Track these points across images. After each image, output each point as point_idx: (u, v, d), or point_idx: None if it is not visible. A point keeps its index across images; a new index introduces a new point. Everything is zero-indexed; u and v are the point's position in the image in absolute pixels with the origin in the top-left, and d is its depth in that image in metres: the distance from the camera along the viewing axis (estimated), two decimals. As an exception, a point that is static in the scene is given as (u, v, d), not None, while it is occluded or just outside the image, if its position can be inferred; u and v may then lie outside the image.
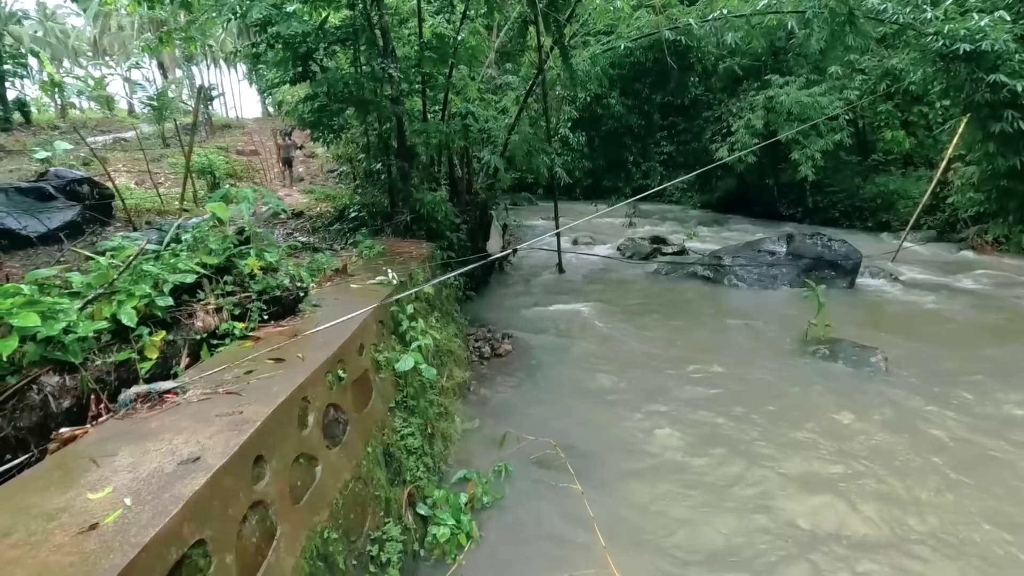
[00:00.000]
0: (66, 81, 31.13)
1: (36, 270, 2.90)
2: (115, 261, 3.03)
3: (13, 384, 2.41)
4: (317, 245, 8.66)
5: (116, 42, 41.85)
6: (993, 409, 5.65)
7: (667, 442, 4.98)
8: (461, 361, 6.60)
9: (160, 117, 24.16)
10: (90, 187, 9.20)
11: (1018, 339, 7.93)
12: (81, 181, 9.13)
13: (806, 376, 6.46)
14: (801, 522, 3.92)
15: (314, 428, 2.71)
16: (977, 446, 4.94)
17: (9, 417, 2.35)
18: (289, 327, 3.61)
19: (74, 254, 6.34)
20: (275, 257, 3.66)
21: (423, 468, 3.99)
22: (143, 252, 3.06)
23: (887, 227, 18.70)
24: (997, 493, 4.27)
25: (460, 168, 11.46)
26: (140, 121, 28.97)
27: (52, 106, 32.45)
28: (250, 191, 3.88)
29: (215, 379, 2.67)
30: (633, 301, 10.15)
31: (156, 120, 24.52)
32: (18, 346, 2.40)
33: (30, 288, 2.63)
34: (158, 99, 23.91)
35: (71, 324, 2.64)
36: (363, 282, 5.19)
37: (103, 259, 2.97)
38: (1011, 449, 4.89)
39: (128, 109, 34.49)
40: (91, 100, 31.99)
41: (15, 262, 7.04)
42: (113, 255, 3.12)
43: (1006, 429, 5.22)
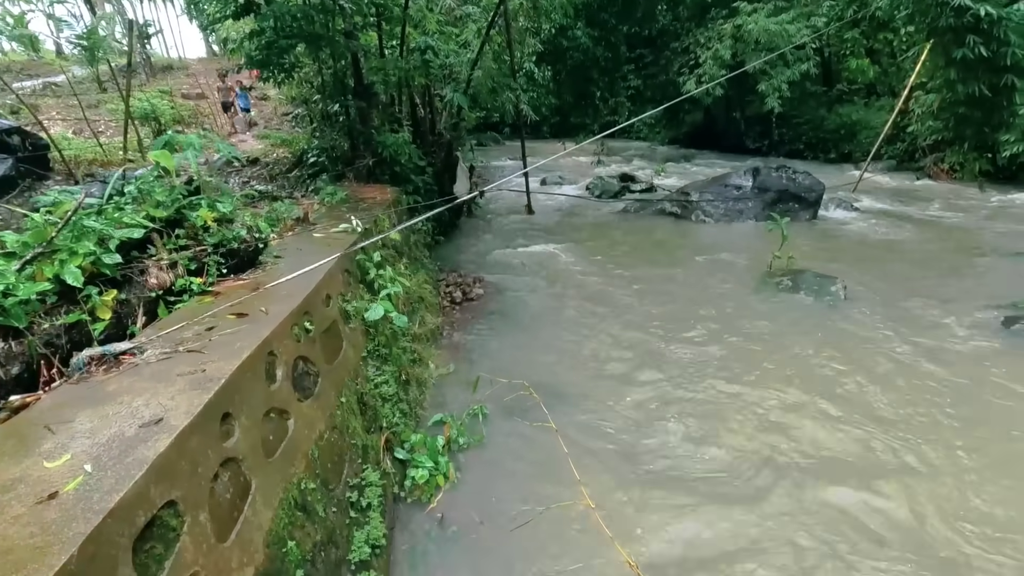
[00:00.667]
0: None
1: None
2: (52, 218, 2.82)
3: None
4: (276, 193, 8.30)
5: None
6: (941, 333, 5.94)
7: (637, 376, 5.12)
8: (433, 307, 6.56)
9: (92, 58, 22.29)
10: (21, 138, 8.52)
11: (965, 264, 8.29)
12: (10, 131, 8.44)
13: (770, 307, 6.66)
14: (765, 442, 4.13)
15: (283, 382, 2.66)
16: (926, 369, 5.22)
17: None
18: (250, 280, 3.49)
19: (9, 212, 5.94)
20: (229, 207, 3.47)
21: (399, 414, 4.02)
22: (82, 207, 2.85)
23: (849, 158, 18.97)
24: (943, 411, 4.56)
25: (422, 107, 11.01)
26: (71, 63, 26.66)
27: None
28: (195, 137, 3.62)
29: (174, 337, 2.57)
30: (602, 240, 10.17)
31: (88, 62, 22.64)
32: (-48, 313, 2.25)
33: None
34: (88, 38, 21.98)
35: (10, 287, 2.47)
36: (326, 231, 5.02)
37: (38, 216, 2.76)
38: (954, 372, 5.18)
39: (56, 50, 31.65)
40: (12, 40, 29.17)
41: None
42: (50, 211, 2.90)
43: (951, 353, 5.51)
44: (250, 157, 10.92)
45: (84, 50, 22.69)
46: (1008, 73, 9.97)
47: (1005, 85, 10.08)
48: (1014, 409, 4.57)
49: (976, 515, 3.42)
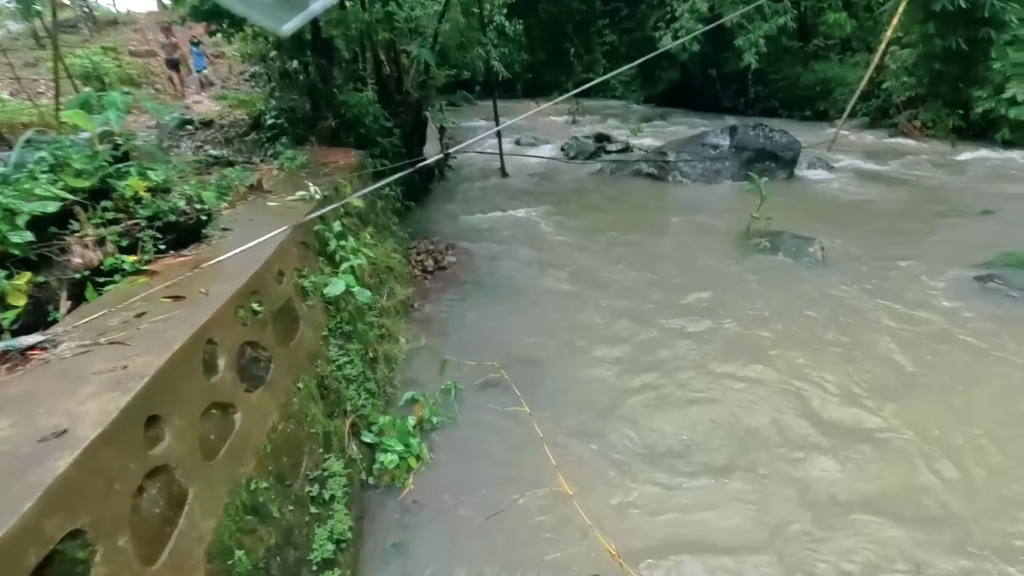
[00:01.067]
0: (-102, -32, 25.84)
1: None
2: (-56, 190, 2.44)
3: None
4: (232, 158, 7.77)
5: (-45, -84, 34.52)
6: (915, 293, 5.90)
7: (612, 351, 4.94)
8: (403, 277, 6.27)
9: (28, 11, 20.61)
10: (-57, 99, 7.76)
11: (937, 223, 8.28)
12: (-71, 92, 7.66)
13: (749, 270, 6.53)
14: (743, 414, 4.03)
15: (226, 372, 2.39)
16: (902, 330, 5.17)
17: None
18: (192, 257, 3.15)
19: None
20: (162, 176, 3.10)
21: (365, 395, 3.78)
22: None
23: (825, 116, 18.85)
24: (921, 372, 4.52)
25: (388, 64, 10.39)
26: (3, 17, 24.63)
27: None
28: (118, 95, 3.18)
29: (96, 327, 2.26)
30: (578, 204, 9.89)
31: (23, 15, 20.93)
32: None
33: None
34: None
35: None
36: (282, 199, 4.65)
37: (-74, 188, 2.37)
38: (930, 331, 5.14)
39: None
40: (-63, -8, 26.80)
41: None
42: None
43: (926, 313, 5.47)
44: (204, 119, 10.22)
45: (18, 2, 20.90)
46: (986, 26, 9.81)
47: (982, 39, 9.93)
48: (985, 365, 4.57)
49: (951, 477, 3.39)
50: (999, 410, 4.03)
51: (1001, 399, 4.17)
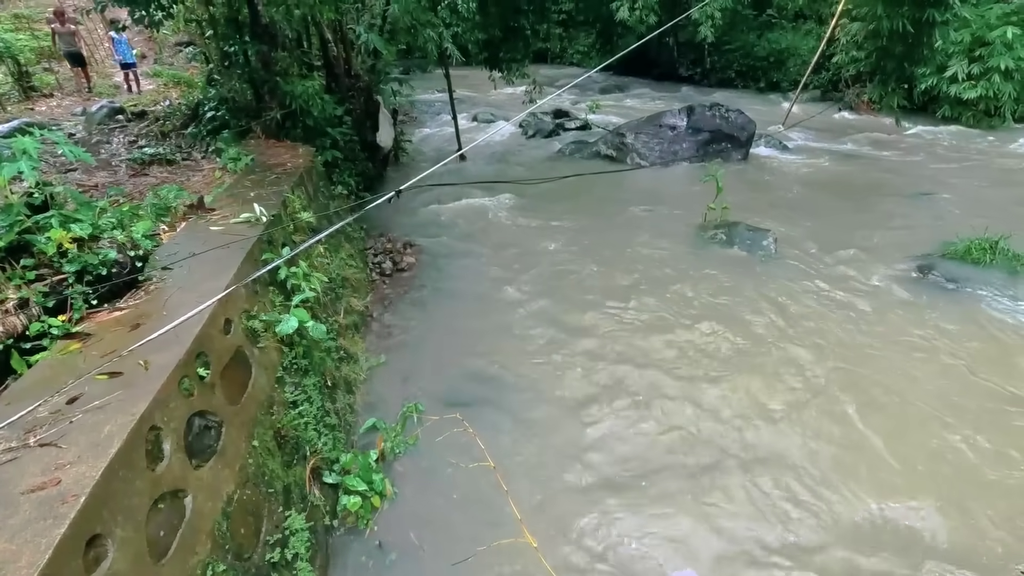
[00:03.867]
0: None
1: None
2: None
3: None
4: (170, 156, 7.32)
5: None
6: (863, 286, 6.16)
7: (573, 364, 4.96)
8: (360, 285, 6.11)
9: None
10: None
11: (883, 207, 8.60)
12: None
13: (705, 264, 6.65)
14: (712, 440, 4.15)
15: (173, 455, 2.28)
16: (851, 326, 5.40)
17: None
18: (128, 311, 2.96)
19: None
20: (89, 227, 2.86)
21: (325, 431, 3.71)
22: None
23: (777, 87, 19.12)
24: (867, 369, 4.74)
25: (335, 45, 9.85)
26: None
27: None
28: (31, 140, 2.88)
29: (24, 423, 2.10)
30: (538, 190, 9.77)
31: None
32: None
33: None
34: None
35: None
36: (226, 220, 4.40)
37: None
38: (877, 325, 5.39)
39: None
40: None
41: None
42: None
43: (872, 306, 5.73)
44: (137, 108, 9.53)
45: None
46: (930, 8, 10.01)
47: (927, 20, 10.15)
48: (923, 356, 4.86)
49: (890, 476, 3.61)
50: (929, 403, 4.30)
51: (933, 392, 4.44)
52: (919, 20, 10.21)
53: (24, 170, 2.72)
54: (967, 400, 4.36)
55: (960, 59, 13.11)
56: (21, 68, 11.01)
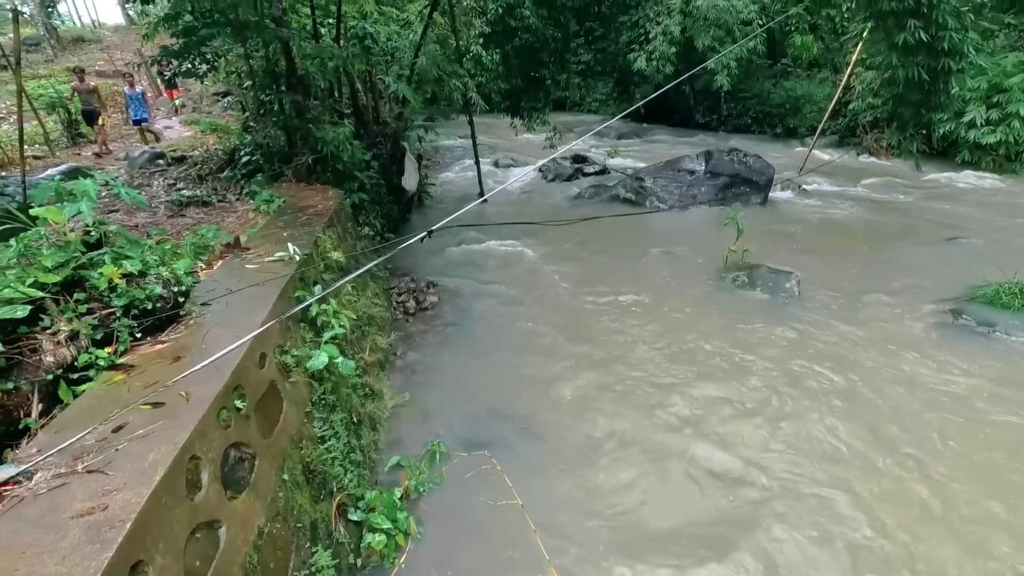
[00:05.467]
0: None
1: None
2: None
3: None
4: (206, 198, 7.64)
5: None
6: (891, 331, 6.06)
7: (599, 407, 4.93)
8: (384, 324, 6.21)
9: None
10: (-103, 141, 7.44)
11: (908, 252, 8.54)
12: None
13: (728, 306, 6.63)
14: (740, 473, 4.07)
15: (210, 486, 2.33)
16: (881, 368, 5.30)
17: None
18: (170, 344, 3.07)
19: None
20: (139, 264, 3.01)
21: (351, 467, 3.72)
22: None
23: (794, 133, 19.36)
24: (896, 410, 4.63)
25: (364, 94, 10.32)
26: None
27: None
28: (91, 183, 3.09)
29: (73, 449, 2.17)
30: (558, 233, 9.92)
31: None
32: None
33: None
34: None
35: None
36: (261, 259, 4.56)
37: None
38: (908, 368, 5.29)
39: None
40: None
41: None
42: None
43: (902, 351, 5.63)
44: (177, 154, 10.02)
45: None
46: (945, 57, 10.19)
47: (942, 69, 10.32)
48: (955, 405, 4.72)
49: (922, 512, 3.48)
50: (968, 452, 4.16)
51: (969, 440, 4.30)
52: (935, 69, 10.38)
53: (84, 210, 2.90)
54: (1010, 457, 4.22)
55: (978, 105, 13.22)
56: (71, 117, 11.69)
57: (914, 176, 13.45)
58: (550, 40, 11.60)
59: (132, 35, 27.39)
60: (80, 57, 22.36)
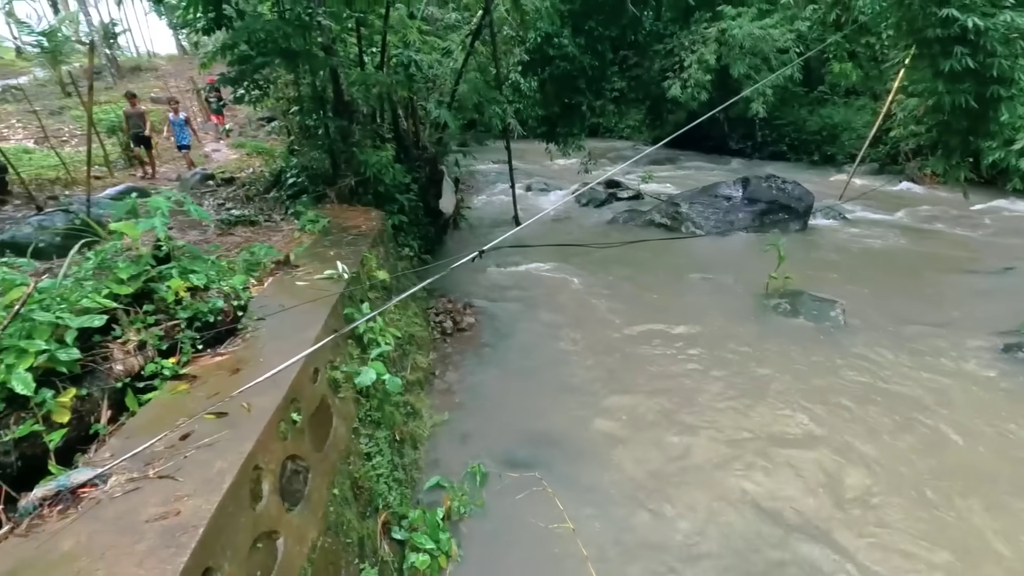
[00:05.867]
0: (-67, 17, 26.94)
1: None
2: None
3: None
4: (253, 217, 7.90)
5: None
6: (943, 363, 5.83)
7: (640, 435, 4.86)
8: (424, 343, 6.26)
9: (55, 60, 21.38)
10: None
11: (958, 281, 8.26)
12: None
13: (771, 335, 6.49)
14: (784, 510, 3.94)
15: (270, 497, 2.36)
16: (932, 406, 5.09)
17: None
18: (229, 356, 3.16)
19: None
20: (203, 279, 3.13)
21: (395, 485, 3.73)
22: (32, 294, 2.50)
23: (832, 160, 19.08)
24: (951, 453, 4.42)
25: (405, 120, 10.62)
26: (32, 64, 25.55)
27: (-79, 48, 28.19)
28: (163, 200, 3.26)
29: (143, 456, 2.24)
30: (592, 256, 9.92)
31: (50, 64, 21.71)
32: None
33: None
34: (49, 39, 21.03)
35: (-54, 404, 2.13)
36: (310, 276, 4.68)
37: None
38: (961, 407, 5.06)
39: (16, 50, 30.36)
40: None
41: None
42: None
43: (956, 385, 5.40)
44: (224, 174, 10.44)
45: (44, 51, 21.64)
46: (994, 84, 9.96)
47: (991, 96, 10.08)
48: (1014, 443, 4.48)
49: None
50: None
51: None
52: (983, 96, 10.15)
53: (157, 226, 3.05)
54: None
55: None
56: (127, 140, 12.31)
57: (961, 204, 13.05)
58: (587, 68, 11.78)
59: (184, 63, 28.90)
60: (137, 84, 23.64)
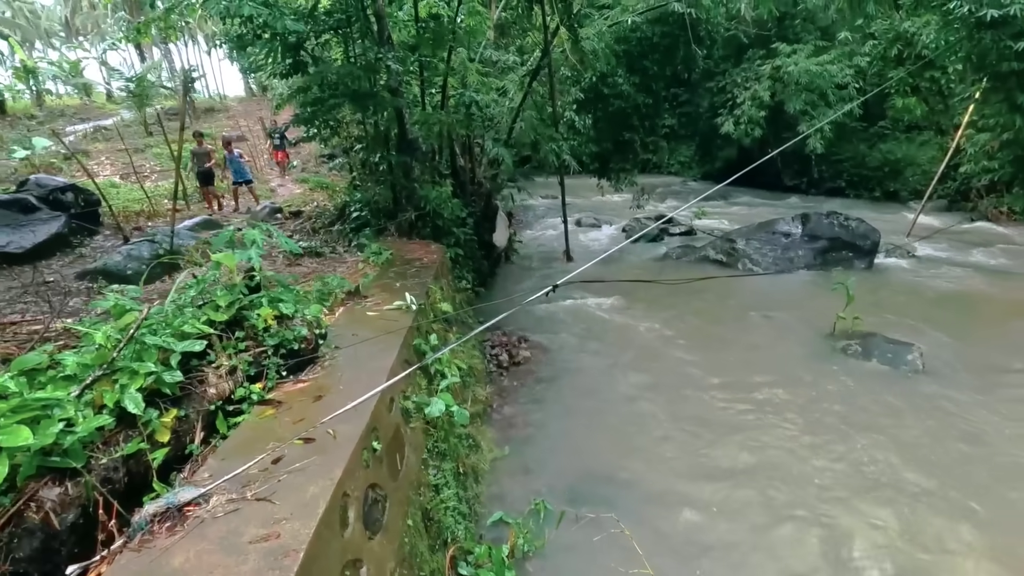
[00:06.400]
0: (40, 66, 29.87)
1: (24, 356, 2.52)
2: (112, 333, 2.65)
3: (8, 507, 2.06)
4: (319, 249, 8.24)
5: (89, 22, 40.16)
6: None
7: (706, 478, 4.67)
8: (481, 376, 6.30)
9: (140, 103, 23.25)
10: (74, 194, 8.70)
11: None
12: (64, 189, 8.62)
13: (841, 379, 6.18)
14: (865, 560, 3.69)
15: (355, 524, 2.40)
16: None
17: (6, 549, 2.01)
18: (310, 383, 3.27)
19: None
20: (291, 308, 3.28)
21: (461, 519, 3.71)
22: (145, 319, 2.68)
23: (895, 197, 18.37)
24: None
25: (463, 157, 10.96)
26: (120, 106, 27.93)
27: (27, 93, 31.22)
28: (258, 233, 3.47)
29: (240, 478, 2.33)
30: (647, 292, 9.81)
31: (136, 106, 23.62)
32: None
33: (17, 383, 2.27)
34: (137, 84, 22.96)
35: (71, 420, 2.28)
36: (379, 307, 4.83)
37: (99, 334, 2.59)
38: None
39: (107, 94, 33.29)
40: (68, 86, 30.81)
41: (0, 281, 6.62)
42: (106, 329, 2.72)
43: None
44: (291, 208, 10.99)
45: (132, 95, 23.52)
46: (1077, 117, 9.50)
47: (1073, 130, 9.60)
48: None
49: None
50: None
51: None
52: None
53: (252, 257, 3.24)
54: None
55: (1117, 169, 12.07)
56: (196, 176, 13.16)
57: (1044, 244, 12.28)
58: (640, 105, 11.92)
59: (253, 104, 30.94)
60: (211, 124, 25.41)
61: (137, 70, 27.77)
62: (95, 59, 32.89)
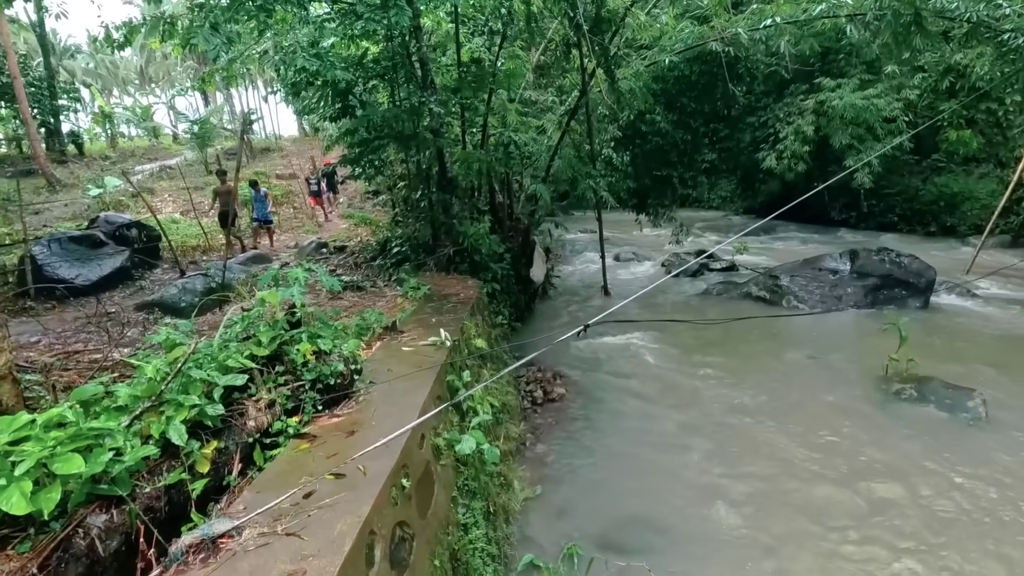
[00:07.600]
0: (116, 112, 32.42)
1: (83, 386, 2.69)
2: (162, 366, 2.80)
3: (59, 532, 2.18)
4: (360, 283, 8.49)
5: (161, 71, 43.55)
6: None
7: (745, 526, 4.48)
8: (515, 412, 6.26)
9: (203, 144, 24.83)
10: (138, 231, 9.32)
11: None
12: (129, 225, 9.25)
13: (896, 426, 5.86)
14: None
15: (381, 563, 2.41)
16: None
17: (53, 574, 2.12)
18: (345, 418, 3.34)
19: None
20: (329, 344, 3.40)
21: (490, 560, 3.66)
22: (192, 354, 2.83)
23: (952, 232, 17.56)
24: None
25: (501, 193, 11.18)
26: (184, 147, 29.94)
27: (103, 136, 33.84)
28: (301, 271, 3.63)
29: (272, 512, 2.39)
30: (686, 329, 9.62)
31: (199, 147, 25.24)
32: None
33: (74, 413, 2.42)
34: (200, 127, 24.58)
35: (120, 449, 2.41)
36: (414, 342, 4.91)
37: (150, 368, 2.75)
38: None
39: (173, 136, 35.76)
40: (139, 128, 33.25)
41: (69, 311, 7.10)
42: (156, 362, 2.88)
43: None
44: (336, 243, 11.41)
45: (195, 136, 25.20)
46: None
47: None
48: None
49: None
50: None
51: None
52: None
53: (295, 295, 3.39)
54: None
55: None
56: (254, 212, 13.84)
57: (1121, 283, 11.44)
58: (679, 142, 11.93)
59: (306, 144, 32.58)
60: (266, 163, 26.85)
61: (201, 113, 29.74)
62: (164, 104, 35.49)
